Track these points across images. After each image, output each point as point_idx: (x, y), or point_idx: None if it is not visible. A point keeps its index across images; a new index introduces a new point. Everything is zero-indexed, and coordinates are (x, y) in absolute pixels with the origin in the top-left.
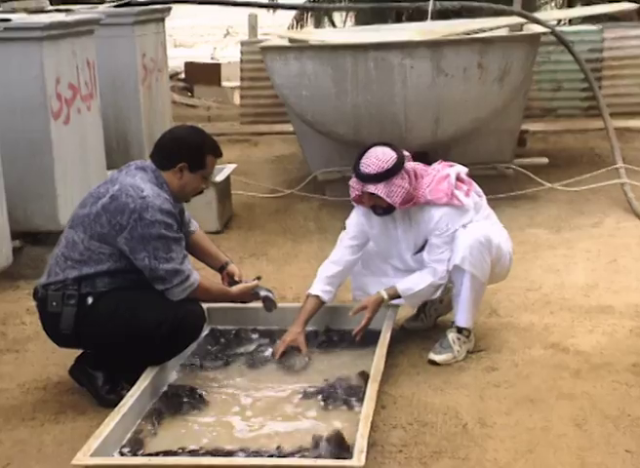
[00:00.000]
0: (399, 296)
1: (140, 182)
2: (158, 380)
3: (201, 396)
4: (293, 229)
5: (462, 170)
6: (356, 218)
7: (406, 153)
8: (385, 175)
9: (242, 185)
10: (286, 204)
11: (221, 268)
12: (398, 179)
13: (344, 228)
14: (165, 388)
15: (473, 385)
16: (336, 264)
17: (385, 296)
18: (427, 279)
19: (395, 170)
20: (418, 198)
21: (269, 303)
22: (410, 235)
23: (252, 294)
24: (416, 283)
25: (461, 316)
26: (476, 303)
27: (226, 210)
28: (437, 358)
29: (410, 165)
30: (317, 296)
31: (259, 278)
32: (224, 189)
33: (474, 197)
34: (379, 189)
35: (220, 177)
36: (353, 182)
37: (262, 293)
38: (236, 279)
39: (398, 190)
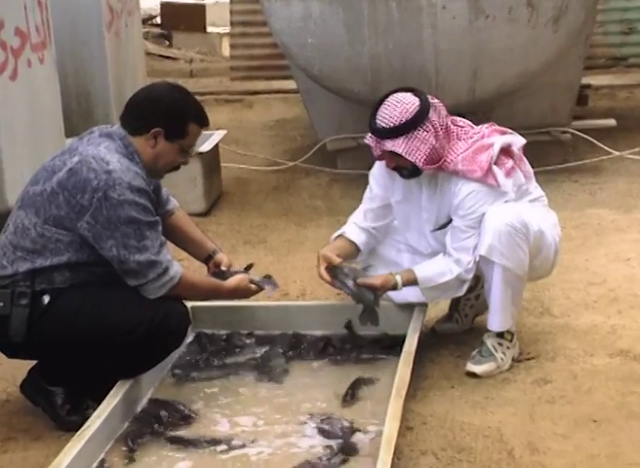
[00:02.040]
0: (415, 283)
1: (104, 153)
2: (132, 397)
3: (185, 417)
4: (297, 210)
5: (517, 141)
6: (378, 177)
7: (435, 100)
8: (404, 128)
9: (234, 156)
10: (288, 179)
11: (208, 258)
12: (421, 132)
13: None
14: (140, 407)
15: (521, 401)
16: (357, 224)
17: (399, 281)
18: (453, 269)
19: (417, 120)
20: (446, 162)
21: (270, 288)
22: (434, 205)
23: (250, 288)
24: (438, 273)
25: (495, 318)
26: (514, 301)
27: (214, 187)
28: (477, 369)
29: (442, 117)
30: (342, 235)
31: (250, 266)
32: (212, 161)
33: (519, 179)
34: (397, 145)
35: (206, 147)
36: (368, 139)
37: (265, 285)
38: (223, 268)
39: (421, 146)
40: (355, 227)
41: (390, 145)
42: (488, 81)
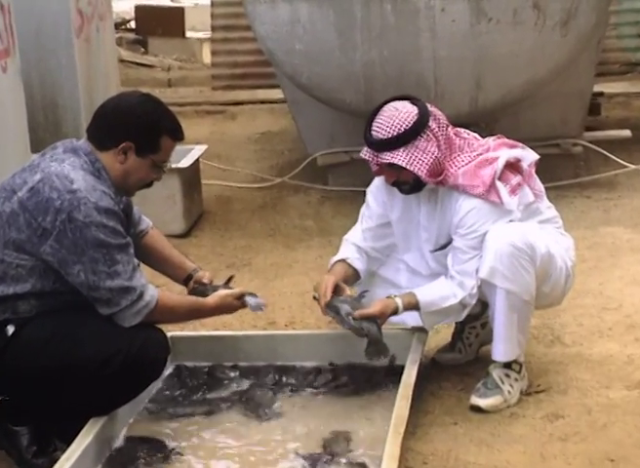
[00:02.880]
0: (416, 308)
1: (69, 170)
2: (105, 436)
3: (165, 457)
4: (284, 231)
5: (527, 157)
6: (376, 193)
7: (434, 109)
8: (404, 138)
9: (216, 173)
10: (275, 197)
11: (188, 278)
12: (422, 141)
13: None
14: (115, 447)
15: (531, 439)
16: (355, 245)
17: (400, 305)
18: (458, 293)
19: (417, 129)
20: (447, 176)
21: (255, 304)
22: (433, 223)
23: (234, 303)
24: (442, 297)
25: (499, 347)
26: (521, 329)
27: (195, 205)
28: (482, 402)
29: (442, 127)
30: (343, 261)
31: (230, 279)
32: (192, 178)
33: (526, 197)
34: (397, 157)
35: (185, 162)
36: (365, 153)
37: (250, 300)
38: (205, 281)
39: (423, 156)
40: (355, 251)
41: (389, 157)
42: (491, 90)
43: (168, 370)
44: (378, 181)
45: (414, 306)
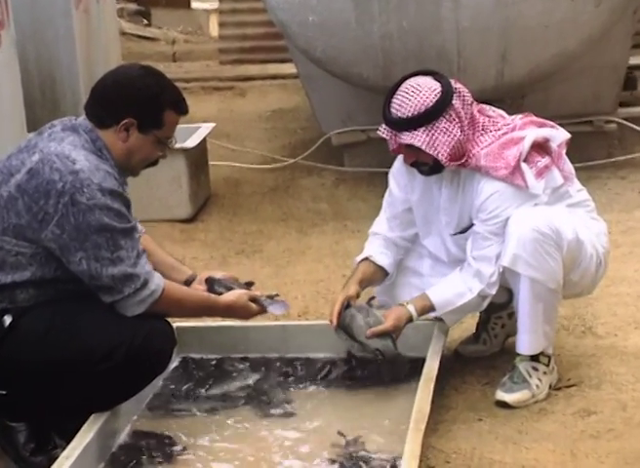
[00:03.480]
0: (431, 310)
1: (69, 149)
2: (107, 433)
3: (171, 454)
4: (297, 215)
5: (557, 136)
6: (398, 177)
7: (458, 85)
8: (425, 118)
9: (224, 153)
10: (287, 179)
11: (186, 283)
12: (444, 123)
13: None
14: (117, 444)
15: (561, 436)
16: (381, 236)
17: (414, 312)
18: (474, 287)
19: (439, 109)
20: (469, 157)
21: (277, 306)
22: (455, 206)
23: (250, 307)
24: (457, 294)
25: (523, 338)
26: (547, 319)
27: (202, 188)
28: (508, 398)
29: (467, 105)
30: (367, 259)
31: (249, 284)
32: (199, 159)
33: (554, 180)
34: (416, 138)
35: (191, 142)
36: (383, 131)
37: (269, 306)
38: (216, 276)
39: (444, 139)
40: (381, 245)
41: (408, 138)
42: (518, 64)
43: (174, 363)
44: (398, 163)
45: (428, 309)
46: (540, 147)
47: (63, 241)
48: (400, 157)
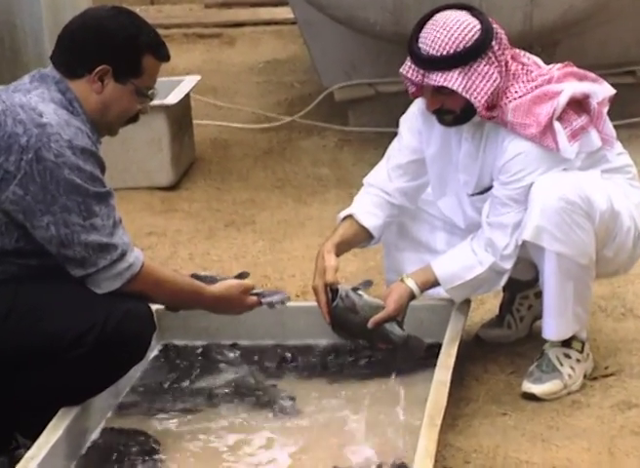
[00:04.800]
0: (435, 285)
1: (36, 102)
2: (78, 430)
3: (149, 455)
4: (295, 181)
5: (599, 92)
6: (412, 121)
7: (496, 26)
8: (463, 58)
9: (210, 111)
10: (283, 140)
11: None
12: (483, 65)
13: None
14: (89, 444)
15: (597, 432)
16: (376, 188)
17: (414, 287)
18: (484, 260)
19: (479, 48)
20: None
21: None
22: (475, 163)
23: (244, 299)
24: (464, 266)
25: (550, 322)
26: (579, 299)
27: (185, 151)
28: (537, 389)
29: (503, 48)
30: (351, 217)
31: (244, 275)
32: (181, 117)
33: (590, 143)
34: (452, 80)
35: (173, 98)
36: (408, 70)
37: (269, 300)
38: (202, 273)
39: (482, 83)
40: (372, 203)
41: (442, 80)
42: (549, 5)
43: (153, 352)
44: (414, 108)
45: (432, 284)
46: (578, 104)
47: (27, 203)
48: (416, 102)
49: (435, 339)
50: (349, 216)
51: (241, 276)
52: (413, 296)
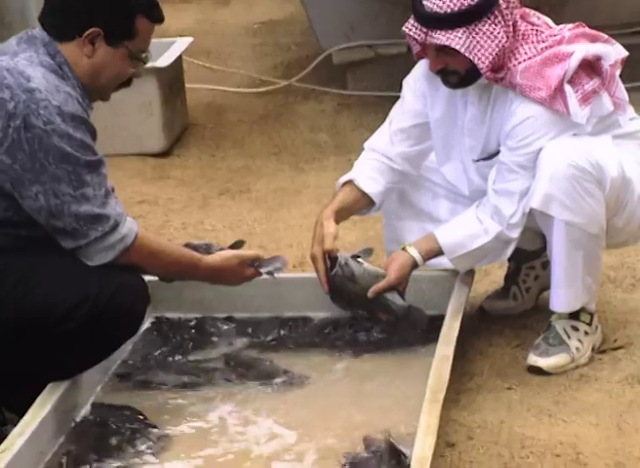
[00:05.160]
0: (439, 254)
1: (24, 65)
2: (67, 406)
3: (144, 428)
4: (292, 148)
5: (611, 54)
6: (416, 84)
7: None
8: (467, 17)
9: (203, 74)
10: (280, 104)
11: None
12: (488, 25)
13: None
14: (78, 419)
15: (606, 407)
16: (378, 153)
17: (417, 256)
18: (490, 228)
19: (484, 7)
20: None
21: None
22: (481, 127)
23: (243, 270)
24: (469, 235)
25: (559, 292)
26: (588, 269)
27: (177, 116)
28: (543, 362)
29: (512, 8)
30: (351, 182)
31: (239, 244)
32: (173, 81)
33: (602, 107)
34: (455, 39)
35: (165, 60)
36: (410, 28)
37: (269, 269)
38: (195, 242)
39: (487, 44)
40: (373, 168)
41: (444, 39)
42: None
43: (145, 324)
44: (418, 70)
45: (435, 253)
46: (590, 67)
47: (15, 172)
48: (420, 64)
49: (438, 311)
50: (349, 182)
51: (236, 245)
52: (415, 265)
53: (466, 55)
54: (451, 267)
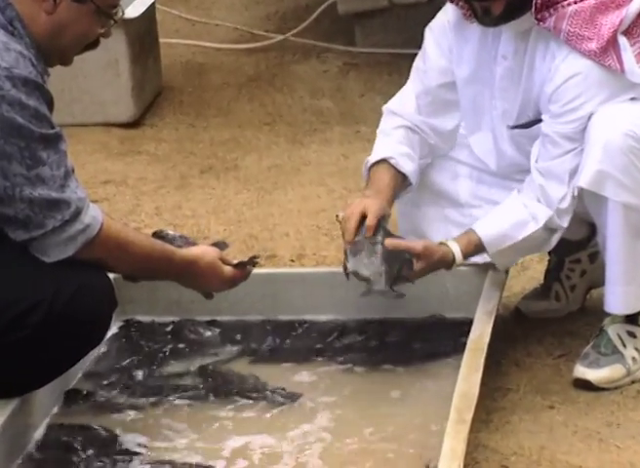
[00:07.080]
0: (480, 250)
1: None
2: (17, 428)
3: (108, 453)
4: (289, 116)
5: None
6: (441, 35)
7: None
8: None
9: (181, 27)
10: (274, 64)
11: None
12: None
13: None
14: (33, 442)
15: None
16: (405, 119)
17: (457, 253)
18: (539, 214)
19: None
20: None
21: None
22: (517, 87)
23: (222, 269)
24: (515, 224)
25: (614, 291)
26: None
27: (150, 78)
28: (592, 375)
29: None
30: (386, 161)
31: (219, 245)
32: (145, 35)
33: None
34: None
35: (134, 10)
36: None
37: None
38: (170, 233)
39: None
40: (403, 141)
41: None
42: None
43: (112, 329)
44: (443, 18)
45: (474, 249)
46: None
47: None
48: (444, 10)
49: (465, 314)
50: (382, 161)
51: (218, 246)
52: (451, 263)
53: None
54: (479, 262)
